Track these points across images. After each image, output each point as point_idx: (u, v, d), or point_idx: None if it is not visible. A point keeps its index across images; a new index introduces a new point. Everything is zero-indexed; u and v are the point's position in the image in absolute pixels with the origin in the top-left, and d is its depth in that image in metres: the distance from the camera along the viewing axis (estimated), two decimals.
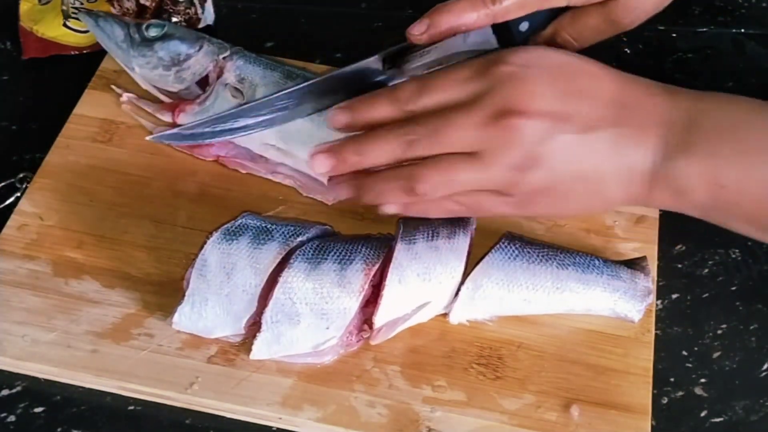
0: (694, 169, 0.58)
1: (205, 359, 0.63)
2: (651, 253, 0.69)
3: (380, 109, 0.61)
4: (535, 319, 0.65)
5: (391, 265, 0.62)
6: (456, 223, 0.64)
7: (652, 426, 0.61)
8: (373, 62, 0.67)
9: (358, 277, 0.61)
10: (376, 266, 0.62)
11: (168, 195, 0.71)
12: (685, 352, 0.67)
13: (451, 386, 0.62)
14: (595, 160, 0.59)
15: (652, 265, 0.68)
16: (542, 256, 0.64)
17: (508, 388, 0.63)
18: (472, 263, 0.64)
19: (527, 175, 0.58)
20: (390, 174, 0.61)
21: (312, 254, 0.62)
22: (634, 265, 0.66)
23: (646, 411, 0.62)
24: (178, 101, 0.75)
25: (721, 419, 0.64)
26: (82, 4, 0.84)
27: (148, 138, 0.73)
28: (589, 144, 0.58)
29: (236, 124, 0.69)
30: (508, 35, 0.66)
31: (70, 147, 0.74)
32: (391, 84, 0.65)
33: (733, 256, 0.72)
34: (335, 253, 0.62)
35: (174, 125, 0.74)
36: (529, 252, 0.64)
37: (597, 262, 0.65)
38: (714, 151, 0.58)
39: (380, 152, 0.60)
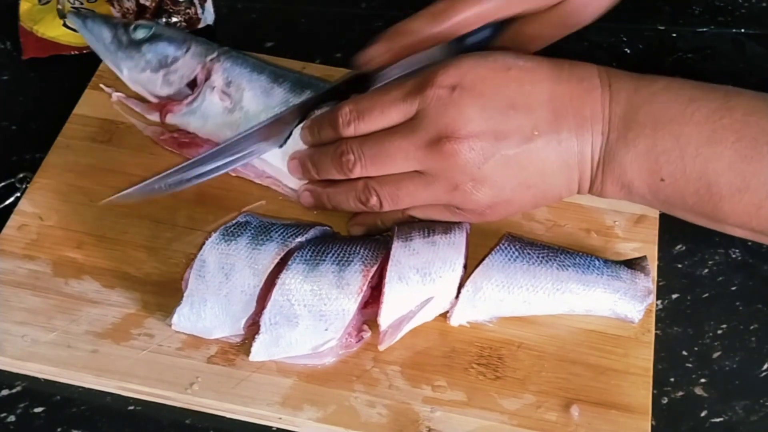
0: (635, 165, 0.59)
1: (205, 359, 0.63)
2: (651, 253, 0.69)
3: (326, 134, 0.65)
4: (535, 319, 0.65)
5: (390, 262, 0.61)
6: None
7: (652, 426, 0.61)
8: (340, 86, 0.69)
9: (356, 279, 0.61)
10: (375, 267, 0.62)
11: (167, 195, 0.71)
12: (685, 352, 0.67)
13: (451, 386, 0.62)
14: (538, 167, 0.60)
15: (652, 265, 0.68)
16: (542, 257, 0.64)
17: (508, 388, 0.63)
18: (472, 264, 0.64)
19: (473, 195, 0.61)
20: (346, 187, 0.65)
21: (310, 255, 0.62)
22: (634, 265, 0.66)
23: (646, 411, 0.62)
24: (166, 101, 0.74)
25: (721, 419, 0.64)
26: (81, 4, 0.84)
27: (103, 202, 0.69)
28: (529, 154, 0.60)
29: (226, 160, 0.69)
30: (466, 47, 0.66)
31: (70, 147, 0.74)
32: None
33: (733, 256, 0.72)
34: (333, 254, 0.62)
35: (163, 125, 0.74)
36: (529, 253, 0.64)
37: (597, 262, 0.65)
38: (652, 146, 0.58)
39: (330, 170, 0.64)
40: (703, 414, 0.64)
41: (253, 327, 0.62)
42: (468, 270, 0.64)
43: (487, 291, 0.63)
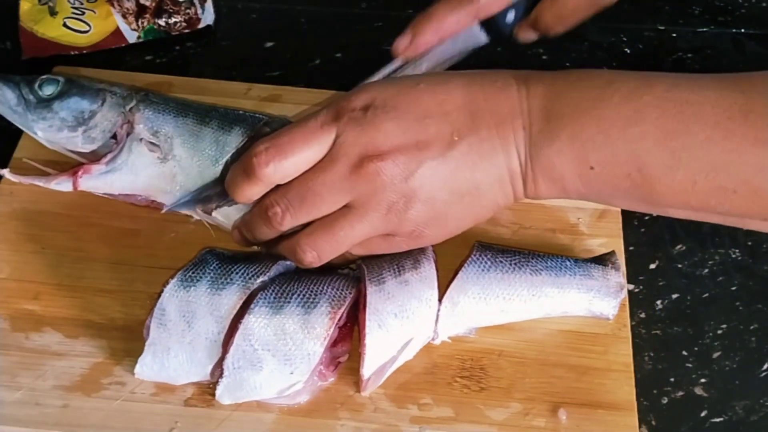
0: (562, 156, 0.57)
1: (182, 402, 0.61)
2: (617, 246, 0.70)
3: (252, 189, 0.61)
4: (512, 325, 0.65)
5: (367, 311, 0.60)
6: (416, 251, 0.63)
7: (652, 426, 0.61)
8: None
9: (323, 321, 0.59)
10: (342, 308, 0.60)
11: (123, 234, 0.69)
12: (685, 352, 0.67)
13: (437, 403, 0.62)
14: (466, 173, 0.58)
15: (621, 258, 0.68)
16: (515, 264, 0.63)
17: (493, 398, 0.62)
18: (443, 275, 0.63)
19: (407, 213, 0.59)
20: (283, 245, 0.62)
21: (274, 297, 0.60)
22: (604, 261, 0.66)
23: (632, 407, 0.62)
24: (76, 166, 0.69)
25: (721, 419, 0.64)
26: (81, 3, 0.83)
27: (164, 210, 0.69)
28: (454, 160, 0.58)
29: None
30: (496, 28, 0.67)
31: (14, 194, 0.70)
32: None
33: (733, 256, 0.72)
34: (298, 295, 0.60)
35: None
36: (501, 261, 0.63)
37: (568, 263, 0.65)
38: (576, 134, 0.56)
39: (262, 230, 0.62)
40: (703, 414, 0.64)
41: (219, 371, 0.60)
42: (442, 283, 0.63)
43: (465, 304, 0.62)
